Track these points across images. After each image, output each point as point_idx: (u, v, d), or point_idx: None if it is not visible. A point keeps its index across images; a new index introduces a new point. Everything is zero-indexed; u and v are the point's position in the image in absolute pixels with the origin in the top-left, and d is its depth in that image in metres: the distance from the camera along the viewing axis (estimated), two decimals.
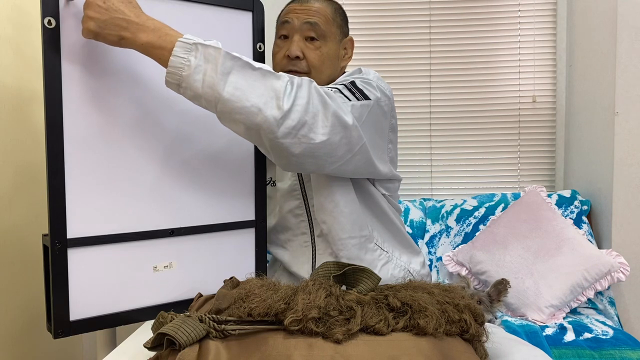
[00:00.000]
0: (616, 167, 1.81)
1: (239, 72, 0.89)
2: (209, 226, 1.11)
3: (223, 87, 0.87)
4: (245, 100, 0.88)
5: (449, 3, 2.21)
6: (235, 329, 0.78)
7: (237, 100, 0.88)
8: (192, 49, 0.86)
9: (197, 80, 0.87)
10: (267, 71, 0.92)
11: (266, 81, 0.90)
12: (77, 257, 0.96)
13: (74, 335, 0.97)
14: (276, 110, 0.89)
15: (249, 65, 0.90)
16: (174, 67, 0.86)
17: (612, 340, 1.45)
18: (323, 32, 1.15)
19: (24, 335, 1.41)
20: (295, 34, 1.15)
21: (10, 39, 1.35)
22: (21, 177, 1.39)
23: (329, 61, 1.18)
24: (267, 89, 0.90)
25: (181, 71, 0.86)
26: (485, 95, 2.22)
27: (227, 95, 0.87)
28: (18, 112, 1.39)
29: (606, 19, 1.84)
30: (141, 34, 0.87)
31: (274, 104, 0.89)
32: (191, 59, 0.86)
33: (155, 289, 1.06)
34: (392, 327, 0.79)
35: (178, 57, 0.86)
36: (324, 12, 1.16)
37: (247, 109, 0.88)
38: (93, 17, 0.86)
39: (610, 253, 1.69)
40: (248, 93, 0.88)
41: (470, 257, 1.80)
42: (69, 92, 0.93)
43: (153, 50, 0.87)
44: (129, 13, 0.87)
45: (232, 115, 0.89)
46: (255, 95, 0.88)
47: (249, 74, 0.90)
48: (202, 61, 0.87)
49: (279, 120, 0.89)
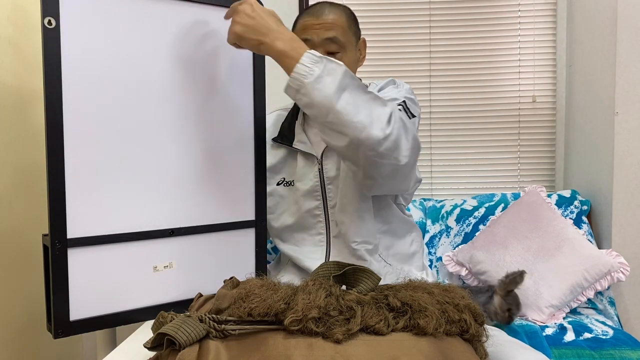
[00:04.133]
0: (616, 167, 1.81)
1: (353, 90, 0.96)
2: (209, 226, 1.11)
3: (337, 99, 0.94)
4: (354, 115, 0.95)
5: (449, 3, 2.21)
6: (235, 329, 0.78)
7: (347, 114, 0.94)
8: (318, 61, 0.94)
9: (316, 89, 0.93)
10: (377, 97, 1.00)
11: (375, 105, 0.98)
12: (77, 257, 0.96)
13: (74, 335, 0.97)
14: (380, 132, 0.97)
15: (362, 88, 0.98)
16: (299, 74, 0.93)
17: (612, 340, 1.45)
18: (343, 43, 1.19)
19: (24, 335, 1.41)
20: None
21: (10, 39, 1.35)
22: (21, 177, 1.39)
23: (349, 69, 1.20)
24: (374, 111, 0.97)
25: (304, 78, 0.93)
26: (485, 95, 2.22)
27: (340, 107, 0.94)
28: (18, 112, 1.39)
29: (606, 19, 1.84)
30: (278, 42, 0.95)
31: (378, 126, 0.97)
32: (315, 69, 0.93)
33: (155, 289, 1.06)
34: (392, 327, 0.79)
35: (304, 66, 0.93)
36: (340, 23, 1.19)
37: (355, 124, 0.95)
38: (241, 23, 0.97)
39: (610, 253, 1.69)
40: (358, 110, 0.95)
41: (470, 257, 1.80)
42: (69, 92, 0.93)
43: (284, 58, 0.95)
44: (270, 22, 0.97)
45: (339, 127, 0.96)
46: (363, 114, 0.96)
47: (361, 95, 0.97)
48: (325, 73, 0.94)
49: (381, 140, 0.97)
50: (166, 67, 1.04)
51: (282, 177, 1.29)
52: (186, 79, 1.07)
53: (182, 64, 1.06)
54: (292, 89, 0.96)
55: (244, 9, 0.97)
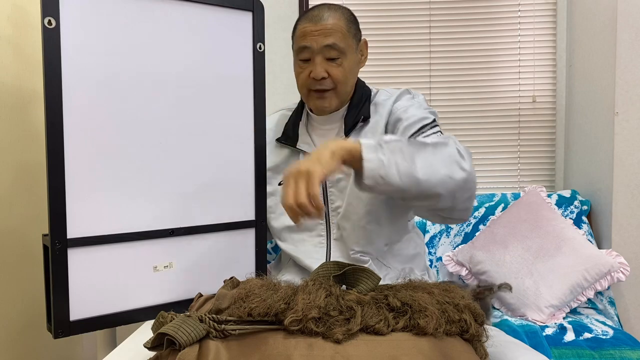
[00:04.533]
0: (616, 167, 1.81)
1: (420, 153, 0.96)
2: (209, 226, 1.11)
3: (416, 170, 0.94)
4: (436, 174, 0.96)
5: (449, 3, 2.21)
6: (235, 329, 0.78)
7: (431, 177, 0.95)
8: (378, 148, 0.93)
9: (393, 175, 0.93)
10: (437, 142, 1.00)
11: (442, 151, 0.99)
12: (77, 257, 0.96)
13: (74, 335, 0.97)
14: (462, 172, 0.99)
15: (423, 144, 0.99)
16: (370, 170, 0.92)
17: (612, 340, 1.45)
18: (342, 48, 1.17)
19: (24, 335, 1.41)
20: (316, 57, 1.17)
21: (10, 39, 1.35)
22: (21, 177, 1.39)
23: (351, 73, 1.21)
24: (445, 157, 0.98)
25: (378, 171, 0.92)
26: (485, 95, 2.22)
27: (422, 176, 0.95)
28: (18, 112, 1.39)
29: (606, 19, 1.84)
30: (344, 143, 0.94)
31: (457, 167, 0.98)
32: (382, 157, 0.93)
33: (155, 289, 1.06)
34: (392, 327, 0.79)
35: (370, 159, 0.92)
36: (339, 27, 1.16)
37: (442, 181, 0.96)
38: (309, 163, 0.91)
39: (610, 253, 1.69)
40: (435, 167, 0.96)
41: (470, 257, 1.80)
42: (69, 92, 0.93)
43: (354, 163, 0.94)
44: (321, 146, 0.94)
45: (431, 191, 0.97)
46: (441, 167, 0.97)
47: (428, 151, 0.98)
48: (391, 155, 0.93)
49: (467, 178, 0.99)
50: (166, 67, 1.04)
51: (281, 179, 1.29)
52: (186, 79, 1.07)
53: (182, 63, 1.06)
54: (370, 183, 0.94)
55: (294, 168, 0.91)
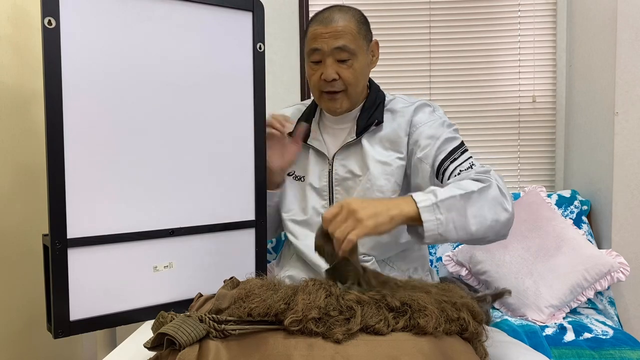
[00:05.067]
0: (616, 167, 1.81)
1: (469, 204, 0.99)
2: (209, 226, 1.11)
3: (468, 223, 0.98)
4: (485, 222, 1.00)
5: (449, 3, 2.21)
6: (235, 329, 0.78)
7: (482, 226, 0.99)
8: (435, 209, 0.95)
9: (450, 230, 0.96)
10: (480, 188, 1.02)
11: (486, 196, 1.01)
12: (77, 257, 0.96)
13: (74, 335, 0.97)
14: (506, 214, 1.03)
15: (470, 193, 1.00)
16: (430, 230, 0.95)
17: (612, 340, 1.45)
18: (352, 50, 1.17)
19: (24, 335, 1.41)
20: (327, 59, 1.17)
21: (10, 39, 1.35)
22: (21, 177, 1.39)
23: (361, 74, 1.21)
24: (490, 202, 1.01)
25: (437, 230, 0.95)
26: (485, 95, 2.22)
27: (475, 228, 0.98)
28: (18, 112, 1.39)
29: (606, 19, 1.84)
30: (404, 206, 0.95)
31: (500, 209, 1.02)
32: (440, 217, 0.95)
33: (155, 289, 1.06)
34: (392, 327, 0.79)
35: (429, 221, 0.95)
36: (350, 29, 1.17)
37: (491, 227, 1.00)
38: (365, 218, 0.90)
39: (610, 253, 1.69)
40: (484, 215, 1.00)
41: (470, 257, 1.80)
42: (69, 92, 0.93)
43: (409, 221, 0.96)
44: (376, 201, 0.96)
45: (483, 239, 1.02)
46: (489, 213, 1.00)
47: (475, 199, 1.00)
48: (447, 213, 0.96)
49: (510, 218, 1.04)
50: (166, 67, 1.04)
51: (293, 170, 1.30)
52: (186, 78, 1.07)
53: (182, 63, 1.06)
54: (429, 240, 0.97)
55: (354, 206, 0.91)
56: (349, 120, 1.26)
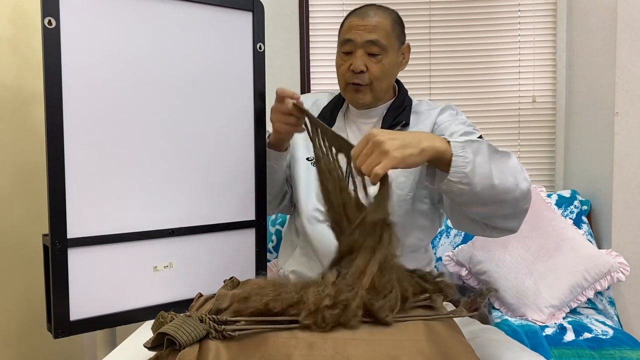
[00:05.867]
0: (616, 167, 1.81)
1: (494, 158, 0.97)
2: (209, 226, 1.11)
3: (492, 174, 0.94)
4: (506, 180, 0.97)
5: (449, 3, 2.21)
6: (235, 329, 0.78)
7: (503, 183, 0.96)
8: (466, 146, 0.92)
9: (476, 174, 0.92)
10: (503, 152, 1.01)
11: (507, 160, 1.00)
12: (77, 257, 0.96)
13: (74, 335, 0.97)
14: (526, 183, 1.00)
15: (496, 150, 0.99)
16: (458, 166, 0.91)
17: (611, 340, 1.45)
18: (384, 46, 1.19)
19: (24, 335, 1.41)
20: (358, 50, 1.19)
21: (10, 39, 1.35)
22: (21, 177, 1.39)
23: (389, 71, 1.23)
24: (511, 166, 1.00)
25: (464, 168, 0.91)
26: (485, 95, 2.22)
27: (497, 180, 0.95)
28: (18, 112, 1.39)
29: (606, 19, 1.84)
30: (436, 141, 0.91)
31: (521, 176, 1.00)
32: (469, 155, 0.91)
33: (155, 289, 1.06)
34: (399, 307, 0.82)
35: (459, 156, 0.90)
36: (383, 26, 1.19)
37: (510, 187, 0.97)
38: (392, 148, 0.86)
39: (610, 253, 1.69)
40: (505, 175, 0.97)
41: (470, 257, 1.80)
42: (69, 92, 0.93)
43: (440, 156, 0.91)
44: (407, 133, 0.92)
45: (500, 197, 0.98)
46: (509, 174, 0.98)
47: (499, 157, 0.98)
48: (475, 154, 0.93)
49: (529, 189, 1.02)
50: (166, 67, 1.04)
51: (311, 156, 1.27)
52: (186, 78, 1.07)
53: (182, 63, 1.06)
54: (452, 182, 0.92)
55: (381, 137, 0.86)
56: (375, 116, 1.27)
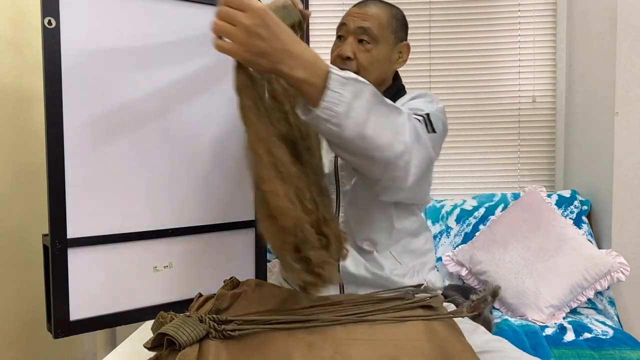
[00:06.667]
0: (616, 167, 1.81)
1: (377, 107, 0.89)
2: (209, 226, 1.11)
3: (367, 124, 0.86)
4: (380, 137, 0.89)
5: (449, 3, 2.21)
6: (235, 329, 0.78)
7: (376, 138, 0.88)
8: (346, 83, 0.83)
9: (350, 117, 0.84)
10: (393, 106, 0.94)
11: (393, 117, 0.93)
12: (77, 257, 0.96)
13: (74, 335, 0.97)
14: (401, 145, 0.92)
15: (383, 101, 0.91)
16: (330, 103, 0.82)
17: (612, 340, 1.45)
18: (375, 36, 1.19)
19: (24, 335, 1.41)
20: (349, 36, 1.20)
21: (10, 39, 1.35)
22: (21, 177, 1.39)
23: (378, 64, 1.21)
24: (394, 125, 0.92)
25: (336, 107, 0.82)
26: (485, 95, 2.22)
27: (370, 132, 0.87)
28: (18, 112, 1.39)
29: (606, 19, 1.84)
30: (298, 70, 0.81)
31: (399, 138, 0.92)
32: (346, 95, 0.83)
33: (155, 289, 1.06)
34: None
35: (333, 92, 0.82)
36: (379, 17, 1.20)
37: (382, 145, 0.90)
38: (247, 45, 0.78)
39: (610, 253, 1.69)
40: (383, 129, 0.90)
41: (470, 257, 1.80)
42: (69, 92, 0.93)
43: (306, 87, 0.82)
44: (286, 42, 0.80)
45: (368, 152, 0.90)
46: (387, 132, 0.90)
47: (383, 110, 0.91)
48: (355, 97, 0.84)
49: (402, 154, 0.93)
50: (166, 67, 1.04)
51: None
52: (186, 78, 1.07)
53: (182, 63, 1.06)
54: (320, 119, 0.83)
55: (250, 24, 0.76)
56: None
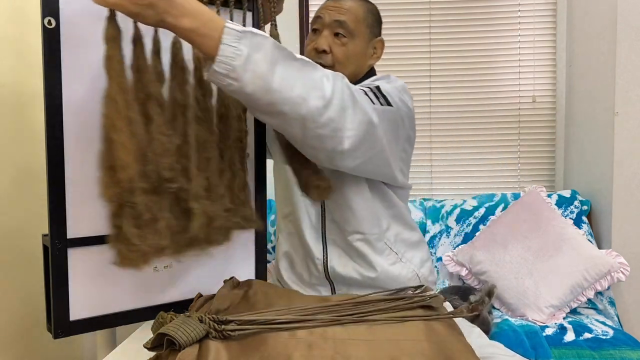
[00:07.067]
0: (616, 167, 1.81)
1: (284, 62, 0.88)
2: None
3: (272, 77, 0.85)
4: (291, 90, 0.87)
5: (449, 3, 2.21)
6: (235, 329, 0.78)
7: (284, 91, 0.87)
8: (243, 37, 0.83)
9: (248, 70, 0.83)
10: (307, 61, 0.92)
11: (307, 71, 0.91)
12: (77, 257, 0.96)
13: (74, 335, 0.97)
14: (319, 100, 0.90)
15: (291, 55, 0.90)
16: (225, 57, 0.82)
17: (612, 340, 1.45)
18: (350, 29, 1.19)
19: (24, 335, 1.41)
20: (325, 29, 1.19)
21: (10, 39, 1.35)
22: (21, 177, 1.39)
23: (353, 58, 1.21)
24: (308, 79, 0.90)
25: (232, 60, 0.82)
26: (485, 95, 2.22)
27: (276, 85, 0.86)
28: (18, 112, 1.39)
29: (606, 19, 1.84)
30: (184, 19, 0.81)
31: (316, 94, 0.90)
32: (242, 48, 0.82)
33: (155, 289, 1.06)
34: None
35: (229, 46, 0.81)
36: (355, 11, 1.20)
37: (293, 99, 0.88)
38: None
39: (610, 253, 1.69)
40: (293, 83, 0.88)
41: (470, 257, 1.80)
42: (69, 92, 0.93)
43: (198, 38, 0.82)
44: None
45: (278, 107, 0.88)
46: (299, 86, 0.88)
47: (293, 64, 0.89)
48: (253, 50, 0.83)
49: (321, 109, 0.90)
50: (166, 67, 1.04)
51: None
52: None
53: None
54: (218, 75, 0.83)
55: None
56: None
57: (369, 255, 1.16)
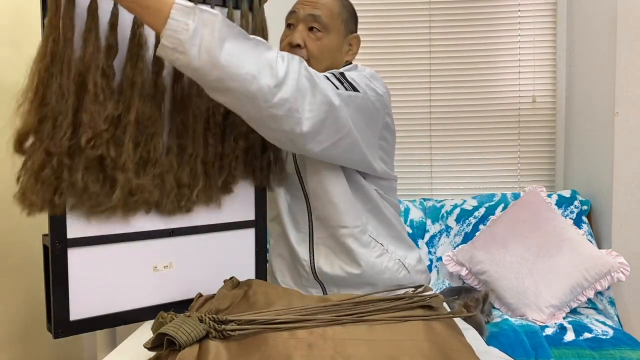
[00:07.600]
0: (616, 167, 1.81)
1: (234, 39, 0.89)
2: (209, 226, 1.11)
3: (219, 52, 0.87)
4: (240, 67, 0.88)
5: (449, 3, 2.21)
6: (235, 329, 0.78)
7: (233, 67, 0.88)
8: (191, 13, 0.85)
9: (194, 45, 0.85)
10: (260, 41, 0.93)
11: (260, 50, 0.92)
12: (77, 257, 0.96)
13: (74, 335, 0.97)
14: (270, 79, 0.91)
15: (243, 34, 0.91)
16: (172, 31, 0.84)
17: (612, 340, 1.45)
18: (325, 24, 1.18)
19: (24, 335, 1.41)
20: (299, 24, 1.19)
21: (10, 38, 1.35)
22: None
23: (328, 52, 1.21)
24: (260, 58, 0.91)
25: (179, 34, 0.84)
26: (485, 95, 2.22)
27: (224, 61, 0.87)
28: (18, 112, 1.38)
29: (606, 19, 1.84)
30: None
31: (268, 72, 0.91)
32: (189, 22, 0.84)
33: (155, 289, 1.06)
34: None
35: (176, 21, 0.84)
36: (330, 6, 1.20)
37: (242, 76, 0.89)
38: None
39: (610, 253, 1.69)
40: (243, 60, 0.89)
41: (470, 257, 1.80)
42: None
43: (146, 12, 0.85)
44: None
45: (227, 83, 0.89)
46: (250, 63, 0.89)
47: (244, 42, 0.91)
48: (200, 25, 0.85)
49: (273, 89, 0.91)
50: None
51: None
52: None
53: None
54: (167, 49, 0.85)
55: None
56: None
57: (355, 250, 1.15)
